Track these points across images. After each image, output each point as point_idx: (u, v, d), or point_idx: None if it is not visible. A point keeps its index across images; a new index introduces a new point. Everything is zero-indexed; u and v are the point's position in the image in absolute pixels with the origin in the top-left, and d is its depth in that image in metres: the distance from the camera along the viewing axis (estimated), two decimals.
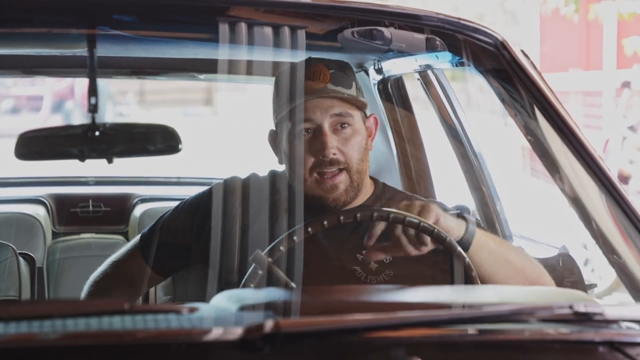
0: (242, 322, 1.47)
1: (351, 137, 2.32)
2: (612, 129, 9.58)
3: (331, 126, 2.30)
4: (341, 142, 2.31)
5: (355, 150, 2.32)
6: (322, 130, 2.29)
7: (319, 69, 2.31)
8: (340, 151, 2.30)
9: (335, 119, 2.30)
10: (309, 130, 2.31)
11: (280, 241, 2.02)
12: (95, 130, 1.95)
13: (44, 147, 2.07)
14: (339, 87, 2.30)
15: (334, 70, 2.32)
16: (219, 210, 2.35)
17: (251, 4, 2.09)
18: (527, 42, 16.36)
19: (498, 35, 2.11)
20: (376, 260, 2.24)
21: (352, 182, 2.32)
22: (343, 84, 2.31)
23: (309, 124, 2.30)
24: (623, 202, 2.00)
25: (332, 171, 2.30)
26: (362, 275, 2.27)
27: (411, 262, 2.29)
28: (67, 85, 19.08)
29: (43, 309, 1.54)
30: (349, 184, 2.32)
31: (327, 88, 2.29)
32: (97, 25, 2.22)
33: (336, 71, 2.32)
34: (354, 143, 2.32)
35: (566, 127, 2.05)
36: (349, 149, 2.31)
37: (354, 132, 2.32)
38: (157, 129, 2.05)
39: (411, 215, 2.10)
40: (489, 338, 1.57)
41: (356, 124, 2.33)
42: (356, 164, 2.32)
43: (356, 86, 2.35)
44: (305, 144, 2.31)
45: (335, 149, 2.29)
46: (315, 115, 2.29)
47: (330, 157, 2.29)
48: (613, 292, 6.68)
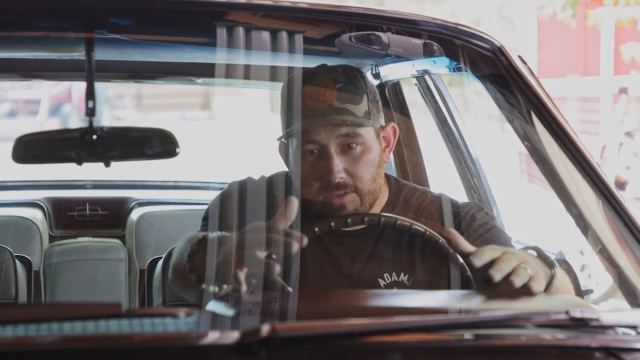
0: (239, 326, 1.48)
1: (361, 157, 2.20)
2: (609, 135, 9.60)
3: (338, 147, 2.19)
4: (349, 163, 2.19)
5: (365, 169, 2.20)
6: (328, 153, 2.18)
7: (325, 83, 2.19)
8: (349, 173, 2.19)
9: (342, 140, 2.19)
10: (314, 151, 2.20)
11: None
12: (92, 134, 1.95)
13: (42, 150, 2.07)
14: (346, 104, 2.18)
15: (342, 83, 2.20)
16: (215, 215, 2.34)
17: (249, 8, 2.09)
18: (524, 48, 16.39)
19: (495, 41, 2.11)
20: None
21: (362, 202, 2.22)
22: (352, 100, 2.19)
23: (314, 145, 2.19)
24: (620, 208, 2.01)
25: (340, 194, 2.19)
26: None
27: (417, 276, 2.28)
28: (65, 89, 19.09)
29: (40, 312, 1.54)
30: (358, 204, 2.21)
31: (332, 107, 2.17)
32: (95, 29, 2.22)
33: (344, 85, 2.20)
34: (364, 162, 2.20)
35: (563, 133, 2.05)
36: (358, 169, 2.20)
37: (364, 150, 2.20)
38: (154, 132, 2.05)
39: (403, 219, 2.10)
40: (485, 343, 1.57)
41: (367, 141, 2.21)
42: (367, 185, 2.21)
43: (368, 98, 2.22)
44: (311, 166, 2.21)
45: (342, 172, 2.18)
46: (320, 136, 2.18)
47: (337, 181, 2.18)
48: (609, 298, 6.68)
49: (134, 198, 3.86)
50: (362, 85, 2.23)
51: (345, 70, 2.24)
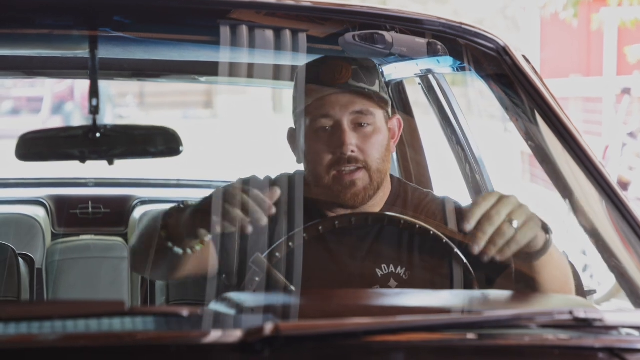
0: (242, 324, 1.48)
1: (372, 136, 2.25)
2: (612, 135, 9.59)
3: (351, 123, 2.24)
4: (361, 139, 2.25)
5: (376, 149, 2.26)
6: (341, 127, 2.23)
7: (340, 64, 2.26)
8: (360, 149, 2.24)
9: (355, 117, 2.25)
10: (328, 127, 2.25)
11: (279, 245, 2.02)
12: (96, 132, 1.95)
13: (45, 148, 2.07)
14: (360, 83, 2.24)
15: (356, 66, 2.26)
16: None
17: (252, 6, 2.09)
18: (527, 48, 16.38)
19: (500, 40, 2.11)
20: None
21: (371, 181, 2.26)
22: (365, 81, 2.25)
23: (328, 120, 2.25)
24: (623, 208, 2.00)
25: (351, 169, 2.24)
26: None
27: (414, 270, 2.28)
28: (67, 87, 19.11)
29: (42, 310, 1.54)
30: (368, 183, 2.26)
31: (348, 84, 2.24)
32: (98, 27, 2.22)
33: (358, 68, 2.26)
34: (375, 142, 2.26)
35: (567, 133, 2.04)
36: (369, 147, 2.25)
37: (375, 130, 2.26)
38: (158, 131, 2.05)
39: (407, 218, 2.10)
40: (488, 343, 1.57)
41: (377, 122, 2.27)
42: (376, 163, 2.26)
43: (379, 84, 2.29)
44: (324, 141, 2.25)
45: (354, 146, 2.23)
46: (335, 111, 2.24)
47: (349, 154, 2.23)
48: (612, 299, 6.68)
49: (137, 196, 3.86)
50: (375, 71, 2.30)
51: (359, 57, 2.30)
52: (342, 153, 2.22)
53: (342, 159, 2.23)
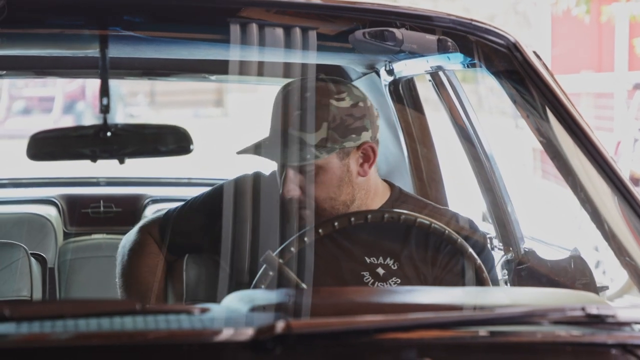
0: (253, 322, 1.48)
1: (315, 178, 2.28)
2: (624, 131, 9.56)
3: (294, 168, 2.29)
4: (304, 182, 2.29)
5: (322, 189, 2.29)
6: (284, 172, 2.30)
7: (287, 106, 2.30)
8: (303, 190, 2.29)
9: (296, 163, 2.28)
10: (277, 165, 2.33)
11: (291, 242, 2.02)
12: (107, 131, 1.96)
13: (56, 147, 2.07)
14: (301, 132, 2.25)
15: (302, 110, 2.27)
16: (229, 211, 2.34)
17: (262, 5, 2.09)
18: (538, 43, 16.35)
19: (510, 37, 2.10)
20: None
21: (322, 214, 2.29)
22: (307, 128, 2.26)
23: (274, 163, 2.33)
24: (635, 203, 2.00)
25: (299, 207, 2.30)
26: (369, 281, 2.27)
27: (418, 268, 2.29)
28: (79, 87, 19.13)
29: (55, 309, 1.54)
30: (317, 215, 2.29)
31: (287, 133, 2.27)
32: (108, 26, 2.22)
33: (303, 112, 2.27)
34: (319, 183, 2.29)
35: (578, 129, 2.04)
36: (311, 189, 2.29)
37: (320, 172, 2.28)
38: (168, 129, 2.05)
39: (423, 217, 2.10)
40: (500, 340, 1.56)
41: (324, 165, 2.27)
42: (322, 202, 2.29)
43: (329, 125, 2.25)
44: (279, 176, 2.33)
45: (295, 190, 2.29)
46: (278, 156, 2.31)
47: (288, 197, 2.29)
48: (625, 295, 6.66)
49: (148, 195, 3.87)
50: (324, 113, 2.26)
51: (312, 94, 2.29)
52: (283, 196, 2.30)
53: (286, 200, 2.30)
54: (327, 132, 2.25)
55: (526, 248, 2.82)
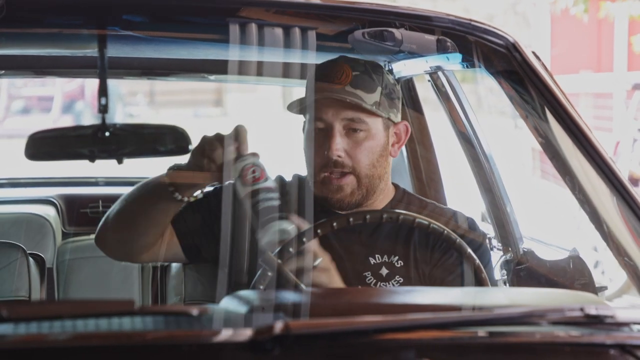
0: (252, 323, 1.47)
1: (362, 142, 2.30)
2: (623, 131, 9.57)
3: (343, 128, 2.29)
4: (350, 145, 2.30)
5: (366, 155, 2.30)
6: (331, 131, 2.29)
7: (343, 69, 2.30)
8: (348, 154, 2.30)
9: (348, 123, 2.29)
10: (320, 128, 2.31)
11: (290, 242, 2.02)
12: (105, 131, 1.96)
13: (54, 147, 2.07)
14: (358, 90, 2.28)
15: (359, 72, 2.30)
16: (228, 211, 2.34)
17: (262, 5, 2.09)
18: (538, 44, 16.35)
19: (509, 37, 2.10)
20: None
21: (359, 185, 2.32)
22: (364, 88, 2.29)
23: (321, 123, 2.30)
24: (634, 204, 2.00)
25: (338, 173, 2.30)
26: (372, 281, 2.27)
27: (420, 267, 2.29)
28: (78, 86, 19.12)
29: (53, 310, 1.54)
30: (355, 187, 2.31)
31: (344, 90, 2.28)
32: (107, 26, 2.22)
33: (361, 74, 2.30)
34: (365, 148, 2.30)
35: (577, 129, 2.04)
36: (358, 153, 2.30)
37: (367, 137, 2.30)
38: (167, 129, 2.05)
39: (421, 217, 2.09)
40: (499, 340, 1.56)
41: (372, 129, 2.31)
42: (365, 168, 2.31)
43: (382, 92, 2.32)
44: (316, 143, 2.31)
45: (341, 151, 2.29)
46: (327, 115, 2.29)
47: (335, 158, 2.28)
48: (624, 295, 6.67)
49: None
50: (379, 78, 2.33)
51: (367, 63, 2.34)
52: (329, 157, 2.28)
53: (329, 162, 2.29)
54: (380, 97, 2.32)
55: (525, 248, 2.83)
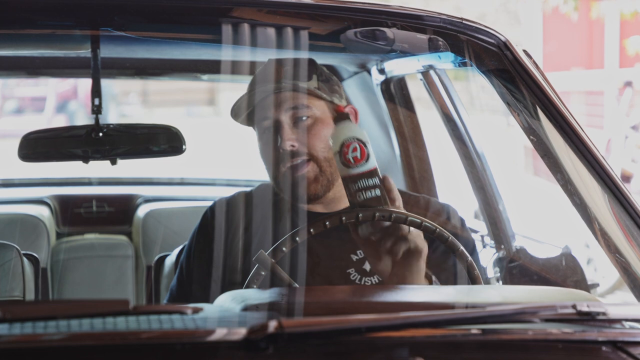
0: (246, 322, 1.48)
1: (312, 127, 2.29)
2: (615, 128, 9.59)
3: (290, 119, 2.29)
4: (301, 133, 2.29)
5: (318, 139, 2.29)
6: (279, 124, 2.28)
7: (275, 67, 2.31)
8: (301, 142, 2.29)
9: (293, 112, 2.29)
10: (269, 127, 2.30)
11: (283, 241, 2.03)
12: (99, 131, 1.96)
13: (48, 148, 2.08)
14: (294, 80, 2.28)
15: (289, 66, 2.31)
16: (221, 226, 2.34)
17: (254, 4, 2.09)
18: (529, 42, 16.36)
19: (501, 36, 2.11)
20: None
21: (321, 170, 2.30)
22: (298, 78, 2.29)
23: (267, 121, 2.30)
24: (626, 201, 2.00)
25: (297, 162, 2.28)
26: (356, 278, 2.28)
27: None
28: (71, 86, 19.10)
29: (47, 310, 1.54)
30: (318, 172, 2.29)
31: (279, 85, 2.28)
32: (100, 27, 2.22)
33: (292, 67, 2.31)
34: (315, 132, 2.29)
35: (569, 127, 2.05)
36: (310, 138, 2.29)
37: (315, 121, 2.29)
38: (160, 129, 2.06)
39: (413, 215, 2.10)
40: (492, 338, 1.57)
41: (318, 113, 2.30)
42: (322, 152, 2.29)
43: (318, 78, 2.32)
44: (269, 142, 2.31)
45: (293, 140, 2.28)
46: (272, 111, 2.29)
47: (289, 148, 2.27)
48: (616, 292, 6.68)
49: (141, 195, 3.87)
50: (312, 68, 2.33)
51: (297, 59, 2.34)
52: (282, 149, 2.27)
53: (285, 154, 2.27)
54: (318, 83, 2.31)
55: (517, 246, 2.84)
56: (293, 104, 2.28)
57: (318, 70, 2.34)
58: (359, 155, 2.04)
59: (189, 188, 4.13)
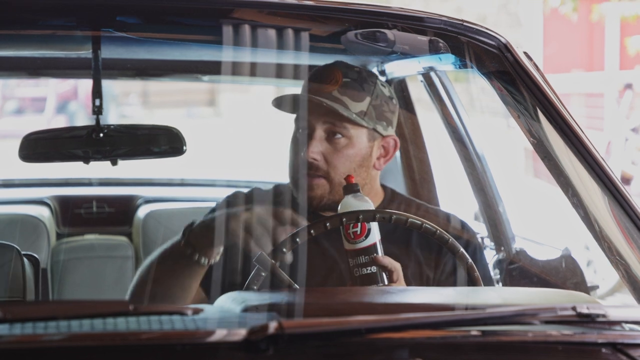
0: (246, 323, 1.48)
1: (342, 149, 2.28)
2: (615, 130, 9.59)
3: (324, 132, 2.28)
4: (329, 150, 2.28)
5: (343, 162, 2.28)
6: (312, 134, 2.28)
7: (335, 74, 2.29)
8: (325, 158, 2.28)
9: (329, 127, 2.28)
10: (303, 129, 2.30)
11: (284, 242, 2.03)
12: (99, 132, 1.96)
13: (48, 148, 2.07)
14: (344, 97, 2.26)
15: (350, 79, 2.29)
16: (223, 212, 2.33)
17: (255, 6, 2.09)
18: (530, 43, 16.36)
19: (501, 38, 2.11)
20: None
21: (331, 191, 2.29)
22: (351, 95, 2.27)
23: (305, 122, 2.29)
24: (625, 203, 2.01)
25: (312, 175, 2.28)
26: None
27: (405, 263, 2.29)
28: (71, 87, 19.10)
29: (47, 310, 1.54)
30: (326, 192, 2.29)
31: (330, 95, 2.26)
32: (101, 28, 2.22)
33: (351, 81, 2.29)
34: (344, 155, 2.28)
35: (569, 129, 2.05)
36: (336, 159, 2.28)
37: (347, 144, 2.28)
38: (161, 130, 2.05)
39: (414, 217, 2.10)
40: (492, 339, 1.57)
41: (353, 137, 2.28)
42: (340, 175, 2.27)
43: (370, 102, 2.29)
44: (298, 142, 2.31)
45: (317, 154, 2.27)
46: (311, 116, 2.28)
47: (310, 160, 2.27)
48: (615, 294, 6.68)
49: (141, 195, 3.86)
50: (369, 88, 2.30)
51: (362, 71, 2.33)
52: (305, 158, 2.27)
53: (305, 163, 2.27)
54: (368, 107, 2.29)
55: (518, 248, 2.84)
56: (332, 119, 2.27)
57: (375, 91, 2.31)
58: (359, 231, 2.07)
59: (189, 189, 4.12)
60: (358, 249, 2.08)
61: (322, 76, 2.30)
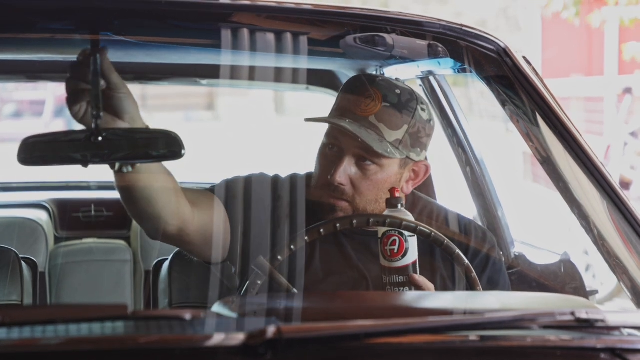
0: (244, 327, 1.48)
1: (371, 176, 2.22)
2: (614, 135, 9.60)
3: (354, 156, 2.21)
4: (358, 175, 2.22)
5: (370, 189, 2.22)
6: (341, 156, 2.22)
7: (375, 96, 2.21)
8: (352, 184, 2.22)
9: (361, 152, 2.21)
10: (334, 148, 2.24)
11: (281, 247, 2.02)
12: (98, 136, 1.95)
13: (47, 152, 2.07)
14: (381, 123, 2.19)
15: (389, 104, 2.21)
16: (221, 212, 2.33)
17: (253, 10, 2.09)
18: (529, 48, 16.37)
19: (500, 42, 2.11)
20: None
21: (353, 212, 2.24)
22: (389, 123, 2.20)
23: (336, 142, 2.23)
24: (624, 208, 2.01)
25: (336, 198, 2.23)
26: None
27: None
28: None
29: (45, 314, 1.54)
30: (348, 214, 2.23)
31: (366, 119, 2.19)
32: (100, 31, 2.22)
33: (390, 107, 2.21)
34: (372, 182, 2.22)
35: (568, 134, 2.05)
36: (363, 185, 2.22)
37: (377, 172, 2.22)
38: (160, 134, 2.04)
39: (408, 220, 2.10)
40: (490, 344, 1.57)
41: (385, 165, 2.22)
42: (365, 203, 2.23)
43: (407, 130, 2.22)
44: (327, 159, 2.24)
45: (345, 179, 2.21)
46: (343, 138, 2.21)
47: (336, 184, 2.21)
48: (614, 299, 6.68)
49: None
50: (409, 114, 2.23)
51: (403, 95, 2.24)
52: (331, 180, 2.21)
53: (331, 186, 2.22)
54: (404, 135, 2.22)
55: (516, 252, 2.84)
56: (364, 144, 2.19)
57: (414, 118, 2.23)
58: (396, 249, 2.06)
59: None
60: (393, 268, 2.07)
61: (362, 93, 2.22)
